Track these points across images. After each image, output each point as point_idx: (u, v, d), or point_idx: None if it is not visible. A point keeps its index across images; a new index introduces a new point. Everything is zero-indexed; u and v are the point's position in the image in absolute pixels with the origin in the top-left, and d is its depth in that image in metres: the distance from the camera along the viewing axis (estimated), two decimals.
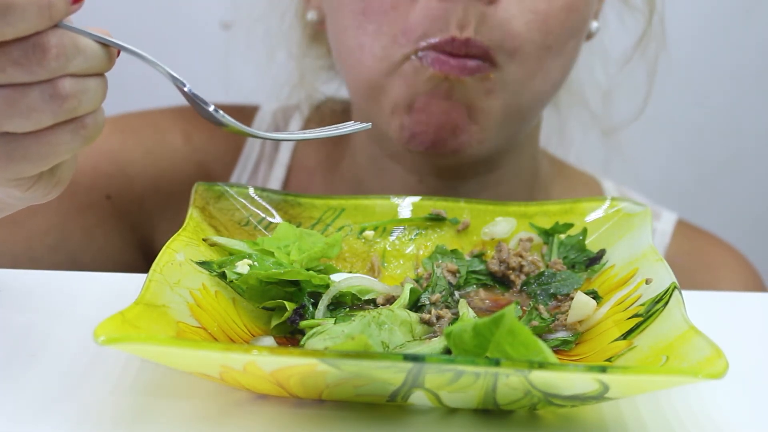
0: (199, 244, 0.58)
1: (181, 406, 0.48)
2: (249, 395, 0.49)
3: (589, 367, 0.42)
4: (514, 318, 0.45)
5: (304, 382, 0.45)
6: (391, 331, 0.54)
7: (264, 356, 0.42)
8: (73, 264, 0.79)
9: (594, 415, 0.49)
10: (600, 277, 0.62)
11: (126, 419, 0.46)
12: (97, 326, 0.43)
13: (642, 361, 0.49)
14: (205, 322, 0.52)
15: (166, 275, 0.52)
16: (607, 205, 0.66)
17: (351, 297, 0.58)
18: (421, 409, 0.48)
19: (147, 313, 0.48)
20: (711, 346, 0.45)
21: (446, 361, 0.42)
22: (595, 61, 0.90)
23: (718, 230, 0.99)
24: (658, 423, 0.48)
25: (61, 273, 0.66)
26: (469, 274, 0.63)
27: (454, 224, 0.67)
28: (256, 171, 0.92)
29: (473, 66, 0.71)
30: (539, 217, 0.67)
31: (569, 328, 0.57)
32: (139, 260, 0.85)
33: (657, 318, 0.51)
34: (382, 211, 0.67)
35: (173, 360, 0.45)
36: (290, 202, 0.67)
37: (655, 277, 0.55)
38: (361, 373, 0.43)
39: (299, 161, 0.92)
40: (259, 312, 0.57)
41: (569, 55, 0.77)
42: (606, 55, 0.86)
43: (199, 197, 0.64)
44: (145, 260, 0.57)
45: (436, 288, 0.60)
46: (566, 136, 0.98)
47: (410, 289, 0.58)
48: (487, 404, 0.47)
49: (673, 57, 0.92)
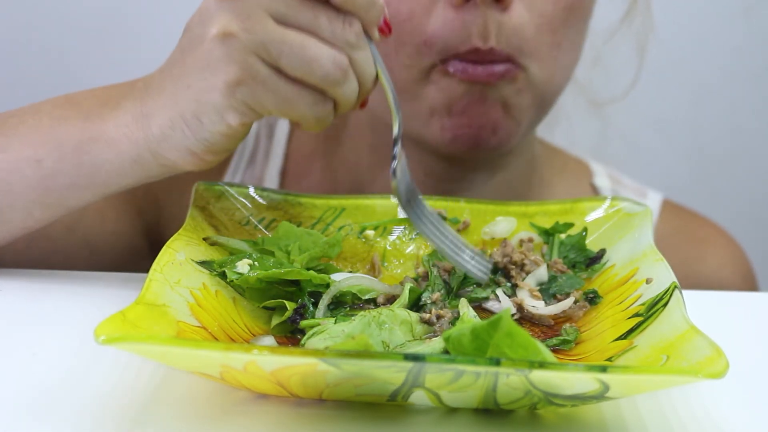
0: (199, 244, 0.58)
1: (181, 406, 0.48)
2: (249, 395, 0.49)
3: (590, 366, 0.42)
4: (511, 320, 0.45)
5: (305, 381, 0.45)
6: (392, 331, 0.54)
7: (264, 356, 0.42)
8: (86, 246, 0.78)
9: (594, 414, 0.49)
10: (600, 277, 0.62)
11: (126, 419, 0.46)
12: (98, 326, 0.43)
13: (642, 360, 0.49)
14: (206, 322, 0.52)
15: (167, 275, 0.52)
16: (607, 205, 0.66)
17: (351, 296, 0.59)
18: (422, 409, 0.48)
19: (147, 312, 0.48)
20: (711, 345, 0.45)
21: (446, 361, 0.42)
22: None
23: None
24: (658, 423, 0.48)
25: (61, 273, 0.66)
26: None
27: (454, 224, 0.67)
28: (253, 161, 0.92)
29: (501, 71, 0.72)
30: (539, 217, 0.67)
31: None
32: (145, 249, 0.85)
33: (657, 318, 0.51)
34: (383, 211, 0.68)
35: (173, 360, 0.45)
36: (291, 201, 0.67)
37: (655, 277, 0.55)
38: (362, 372, 0.43)
39: (296, 149, 0.92)
40: (260, 311, 0.57)
41: (578, 46, 0.78)
42: (592, 25, 0.87)
43: (200, 197, 0.64)
44: (150, 249, 0.58)
45: (435, 287, 0.60)
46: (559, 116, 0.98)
47: (410, 288, 0.58)
48: (488, 404, 0.47)
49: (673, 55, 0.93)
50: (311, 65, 0.54)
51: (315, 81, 0.55)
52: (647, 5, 0.90)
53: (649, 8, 0.90)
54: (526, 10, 0.72)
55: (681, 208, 0.96)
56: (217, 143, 0.58)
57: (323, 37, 0.55)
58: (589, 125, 1.03)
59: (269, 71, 0.54)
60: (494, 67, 0.72)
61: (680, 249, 0.90)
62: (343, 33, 0.55)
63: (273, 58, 0.54)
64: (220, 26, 0.54)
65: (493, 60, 0.71)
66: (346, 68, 0.56)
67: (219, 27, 0.54)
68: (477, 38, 0.70)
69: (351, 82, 0.57)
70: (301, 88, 0.55)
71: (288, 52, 0.54)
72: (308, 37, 0.55)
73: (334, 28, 0.55)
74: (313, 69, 0.55)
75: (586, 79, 0.95)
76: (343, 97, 0.57)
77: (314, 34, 0.55)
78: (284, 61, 0.54)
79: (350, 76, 0.56)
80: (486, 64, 0.71)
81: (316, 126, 0.58)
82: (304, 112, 0.56)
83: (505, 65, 0.72)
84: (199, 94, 0.56)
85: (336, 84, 0.56)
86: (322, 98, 0.56)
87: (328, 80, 0.55)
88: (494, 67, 0.72)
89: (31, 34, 1.42)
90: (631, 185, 0.95)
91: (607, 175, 0.95)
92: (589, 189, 0.93)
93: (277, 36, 0.54)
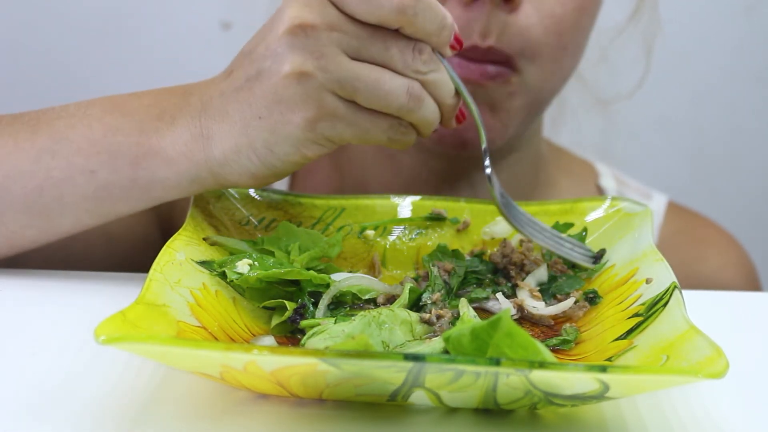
0: (199, 244, 0.58)
1: (181, 406, 0.48)
2: (249, 395, 0.49)
3: (590, 366, 0.42)
4: (511, 321, 0.45)
5: (305, 381, 0.45)
6: (392, 331, 0.54)
7: (264, 356, 0.42)
8: (104, 234, 0.78)
9: (594, 414, 0.49)
10: (600, 277, 0.62)
11: (126, 419, 0.46)
12: (98, 326, 0.43)
13: (642, 360, 0.49)
14: (206, 322, 0.52)
15: (167, 274, 0.52)
16: (608, 205, 0.66)
17: (351, 296, 0.59)
18: (422, 409, 0.48)
19: (147, 312, 0.48)
20: (711, 345, 0.45)
21: (447, 361, 0.42)
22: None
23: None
24: (658, 423, 0.48)
25: (61, 273, 0.66)
26: (470, 274, 0.63)
27: (454, 224, 0.67)
28: None
29: (494, 72, 0.72)
30: (540, 217, 0.67)
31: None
32: (159, 240, 0.84)
33: (657, 318, 0.51)
34: (383, 211, 0.68)
35: (174, 359, 0.45)
36: (291, 201, 0.67)
37: (655, 277, 0.55)
38: (362, 372, 0.43)
39: None
40: (260, 311, 0.57)
41: (582, 49, 0.79)
42: (599, 24, 0.87)
43: (200, 196, 0.64)
44: (163, 240, 0.58)
45: (435, 287, 0.60)
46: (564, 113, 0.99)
47: (410, 288, 0.58)
48: (488, 404, 0.47)
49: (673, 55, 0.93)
50: (387, 99, 0.56)
51: (391, 112, 0.57)
52: (654, 4, 0.90)
53: (656, 7, 0.90)
54: (535, 12, 0.72)
55: (685, 209, 0.96)
56: (285, 170, 0.59)
57: (396, 69, 0.56)
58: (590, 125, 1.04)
59: (346, 107, 0.56)
60: (487, 68, 0.72)
61: (683, 250, 0.91)
62: (414, 62, 0.57)
63: (349, 94, 0.55)
64: (295, 65, 0.55)
65: (491, 60, 0.72)
66: (419, 95, 0.57)
67: (293, 66, 0.55)
68: (477, 36, 0.70)
69: (427, 107, 0.58)
70: (378, 117, 0.57)
71: (363, 89, 0.55)
72: (382, 70, 0.56)
73: (406, 58, 0.56)
74: (389, 102, 0.56)
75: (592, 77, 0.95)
76: (422, 121, 0.58)
77: (387, 66, 0.56)
78: (360, 97, 0.56)
79: (425, 101, 0.58)
80: (482, 63, 0.71)
81: (400, 146, 0.60)
82: (382, 138, 0.58)
83: (499, 68, 0.72)
84: (275, 126, 0.56)
85: (411, 112, 0.57)
86: (398, 122, 0.58)
87: (404, 110, 0.57)
88: (487, 67, 0.72)
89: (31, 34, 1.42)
90: (636, 187, 0.96)
91: (612, 176, 0.95)
92: (595, 190, 0.93)
93: (351, 73, 0.55)
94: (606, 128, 1.04)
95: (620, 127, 1.03)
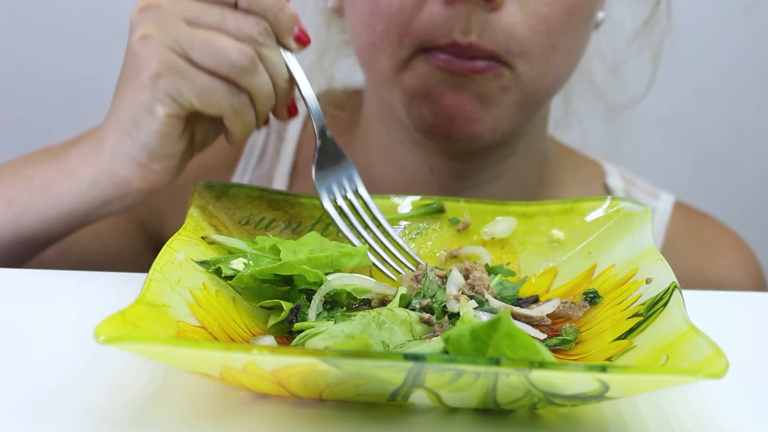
0: (199, 244, 0.58)
1: (181, 406, 0.48)
2: (249, 395, 0.49)
3: (590, 366, 0.42)
4: (510, 321, 0.45)
5: (305, 381, 0.45)
6: (391, 331, 0.54)
7: (264, 355, 0.42)
8: (81, 266, 0.80)
9: (594, 414, 0.49)
10: (600, 277, 0.62)
11: (126, 419, 0.46)
12: (98, 326, 0.43)
13: (642, 360, 0.49)
14: (206, 322, 0.52)
15: (167, 274, 0.52)
16: (608, 205, 0.66)
17: (347, 296, 0.58)
18: (422, 409, 0.48)
19: (147, 312, 0.48)
20: (711, 345, 0.45)
21: (447, 361, 0.42)
22: (602, 39, 0.92)
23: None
24: (658, 423, 0.48)
25: (61, 273, 0.66)
26: None
27: (454, 224, 0.67)
28: (262, 161, 0.93)
29: (482, 66, 0.73)
30: (539, 217, 0.67)
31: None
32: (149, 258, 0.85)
33: (657, 317, 0.51)
34: (383, 210, 0.67)
35: (174, 359, 0.45)
36: (291, 201, 0.67)
37: (655, 277, 0.55)
38: (362, 372, 0.43)
39: (306, 148, 0.93)
40: (259, 311, 0.57)
41: (577, 50, 0.78)
42: (613, 31, 0.87)
43: (199, 196, 0.64)
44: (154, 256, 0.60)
45: (427, 293, 0.59)
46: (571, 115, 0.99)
47: (401, 295, 0.58)
48: (488, 404, 0.47)
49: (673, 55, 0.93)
50: (218, 54, 0.60)
51: (225, 70, 0.60)
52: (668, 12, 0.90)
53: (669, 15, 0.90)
54: (519, 10, 0.72)
55: (693, 209, 0.96)
56: (154, 145, 0.63)
57: (230, 33, 0.61)
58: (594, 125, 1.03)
59: (184, 62, 0.60)
60: (477, 63, 0.72)
61: (691, 251, 0.91)
62: (249, 29, 0.61)
63: (185, 51, 0.60)
64: (141, 32, 0.61)
65: (474, 56, 0.72)
66: (252, 58, 0.61)
67: (139, 33, 0.61)
68: (457, 33, 0.71)
69: (261, 75, 0.62)
70: (215, 79, 0.61)
71: (198, 46, 0.60)
72: (217, 32, 0.61)
73: (241, 25, 0.61)
74: (220, 58, 0.60)
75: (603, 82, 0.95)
76: (256, 89, 0.62)
77: (221, 31, 0.61)
78: (196, 53, 0.60)
79: (259, 68, 0.62)
80: (468, 59, 0.72)
81: (240, 126, 0.63)
82: (222, 103, 0.61)
83: (488, 62, 0.72)
84: (132, 99, 0.62)
85: (245, 72, 0.61)
86: (236, 90, 0.61)
87: (237, 68, 0.60)
88: (477, 62, 0.72)
89: (31, 34, 1.42)
90: (643, 186, 0.95)
91: (619, 175, 0.95)
92: (602, 189, 0.93)
93: (187, 32, 0.60)
94: (608, 128, 1.04)
95: (621, 127, 1.03)
